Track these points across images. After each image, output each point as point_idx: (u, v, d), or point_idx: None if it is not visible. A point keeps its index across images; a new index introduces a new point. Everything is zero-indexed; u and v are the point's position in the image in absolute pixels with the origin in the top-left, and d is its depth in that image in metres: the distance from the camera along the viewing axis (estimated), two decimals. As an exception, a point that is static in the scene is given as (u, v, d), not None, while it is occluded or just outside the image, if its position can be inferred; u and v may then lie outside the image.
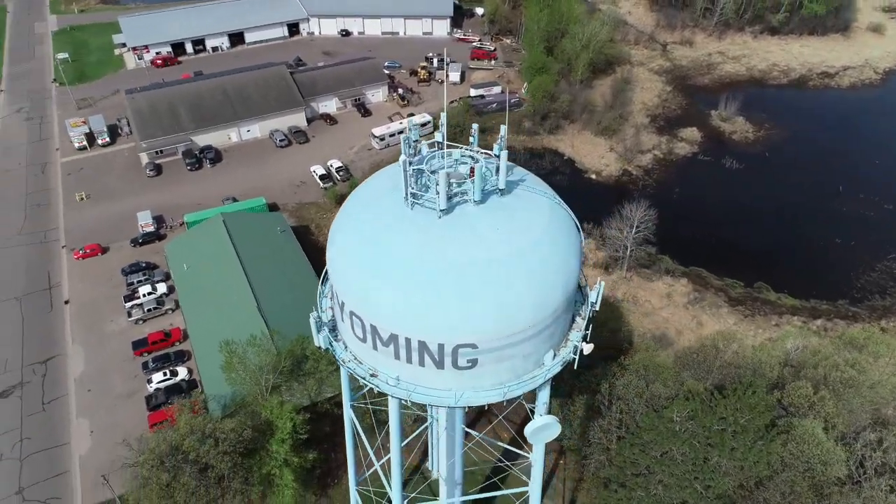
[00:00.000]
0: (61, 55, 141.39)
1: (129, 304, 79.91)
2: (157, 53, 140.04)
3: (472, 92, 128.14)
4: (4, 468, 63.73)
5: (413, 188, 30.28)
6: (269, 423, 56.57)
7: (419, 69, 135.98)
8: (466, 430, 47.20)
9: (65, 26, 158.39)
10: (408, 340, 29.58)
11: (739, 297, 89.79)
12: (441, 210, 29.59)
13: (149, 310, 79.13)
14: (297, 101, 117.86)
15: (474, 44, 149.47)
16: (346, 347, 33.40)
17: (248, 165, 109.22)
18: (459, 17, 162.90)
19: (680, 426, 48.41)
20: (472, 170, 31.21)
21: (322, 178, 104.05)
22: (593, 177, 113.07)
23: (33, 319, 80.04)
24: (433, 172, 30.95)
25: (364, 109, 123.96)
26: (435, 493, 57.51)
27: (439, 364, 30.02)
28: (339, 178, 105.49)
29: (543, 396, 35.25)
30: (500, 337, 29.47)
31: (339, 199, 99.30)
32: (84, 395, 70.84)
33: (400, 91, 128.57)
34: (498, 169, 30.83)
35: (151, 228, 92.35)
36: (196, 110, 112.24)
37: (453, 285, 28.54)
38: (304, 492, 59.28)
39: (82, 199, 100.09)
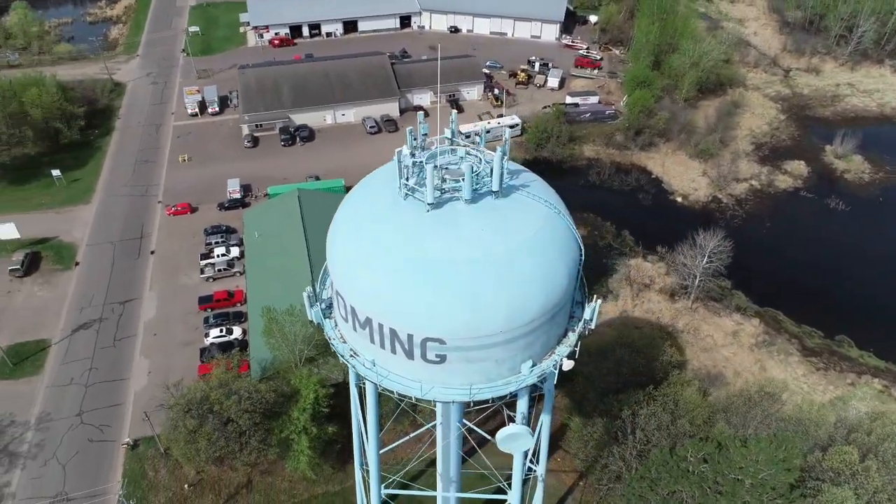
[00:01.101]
0: (193, 28, 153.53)
1: (203, 262, 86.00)
2: (275, 34, 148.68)
3: (568, 99, 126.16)
4: (72, 391, 70.77)
5: (410, 180, 30.79)
6: (296, 392, 59.20)
7: (519, 71, 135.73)
8: (483, 433, 47.08)
9: (202, 2, 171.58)
10: (380, 326, 30.22)
11: (816, 347, 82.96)
12: (429, 204, 29.93)
13: (219, 270, 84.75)
14: (392, 91, 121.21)
15: (580, 51, 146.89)
16: (335, 325, 34.54)
17: (336, 147, 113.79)
18: (571, 23, 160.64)
19: (693, 467, 45.89)
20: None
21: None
22: (679, 199, 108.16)
23: (122, 263, 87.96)
24: (439, 168, 31.29)
25: (457, 105, 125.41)
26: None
27: (409, 354, 30.43)
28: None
29: (521, 405, 34.75)
30: (468, 337, 29.40)
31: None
32: (150, 338, 77.15)
33: (495, 91, 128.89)
34: (500, 171, 30.59)
35: (238, 195, 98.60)
36: (298, 90, 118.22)
37: (426, 278, 28.82)
38: (322, 463, 61.51)
39: (184, 160, 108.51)
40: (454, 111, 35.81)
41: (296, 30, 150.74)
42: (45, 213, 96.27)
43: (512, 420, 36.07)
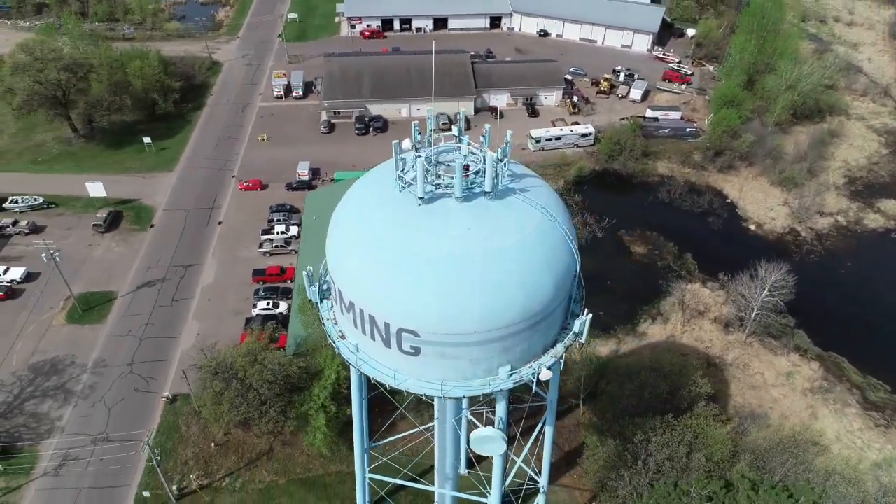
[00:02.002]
0: (292, 15, 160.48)
1: (263, 237, 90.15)
2: (367, 26, 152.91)
3: (648, 113, 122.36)
4: (127, 342, 76.25)
5: (408, 173, 31.32)
6: (321, 371, 61.18)
7: (602, 80, 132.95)
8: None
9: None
10: (361, 312, 30.99)
11: (879, 402, 76.56)
12: (419, 198, 30.36)
13: (276, 246, 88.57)
14: (469, 90, 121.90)
15: (671, 65, 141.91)
16: (331, 307, 35.63)
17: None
18: (666, 35, 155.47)
19: (696, 504, 43.87)
20: (466, 167, 31.47)
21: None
22: (751, 227, 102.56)
23: (191, 230, 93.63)
24: (439, 162, 31.66)
25: (532, 109, 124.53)
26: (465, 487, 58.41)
27: (386, 343, 31.02)
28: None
29: (500, 409, 34.54)
30: (441, 332, 29.64)
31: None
32: (204, 302, 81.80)
33: (575, 98, 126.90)
34: (492, 172, 30.59)
35: (306, 178, 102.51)
36: (378, 82, 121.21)
37: (404, 270, 29.30)
38: (340, 442, 63.19)
39: (263, 140, 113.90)
40: (462, 110, 35.88)
41: (387, 23, 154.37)
42: (133, 177, 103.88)
43: (493, 422, 35.89)
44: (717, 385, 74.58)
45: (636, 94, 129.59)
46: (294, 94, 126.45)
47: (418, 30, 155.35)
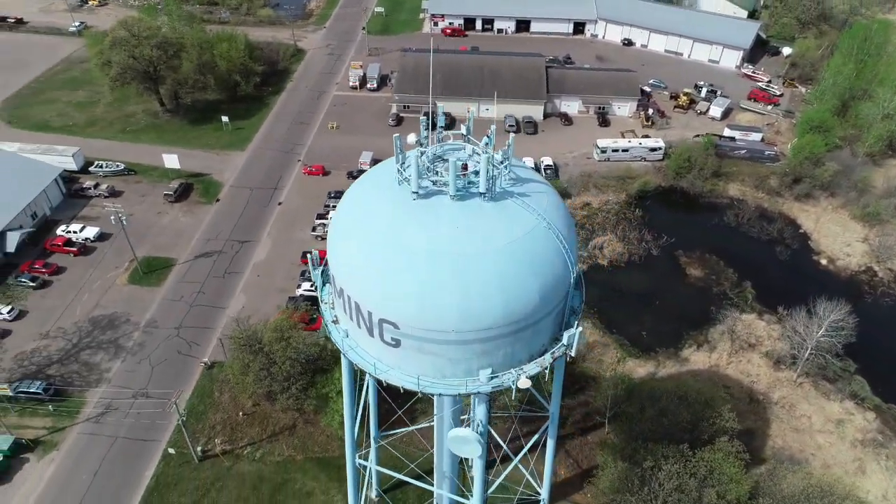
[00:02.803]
0: (379, 9, 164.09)
1: (317, 221, 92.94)
2: (449, 24, 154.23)
3: (726, 132, 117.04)
4: (178, 307, 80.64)
5: (407, 168, 31.63)
6: (346, 355, 62.54)
7: (682, 94, 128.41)
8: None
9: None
10: (349, 298, 31.63)
11: (941, 464, 70.21)
12: (413, 192, 30.62)
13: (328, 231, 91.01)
14: (540, 94, 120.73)
15: (759, 84, 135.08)
16: (331, 292, 36.50)
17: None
18: (758, 52, 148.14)
19: (694, 540, 41.90)
20: (464, 165, 31.46)
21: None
22: (823, 261, 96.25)
23: (252, 208, 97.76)
24: (442, 160, 31.83)
25: (604, 119, 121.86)
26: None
27: (370, 331, 31.51)
28: (544, 175, 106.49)
29: (479, 412, 34.29)
30: (419, 327, 29.80)
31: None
32: (253, 277, 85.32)
33: (650, 111, 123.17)
34: (488, 172, 30.44)
35: (367, 167, 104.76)
36: (450, 79, 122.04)
37: (387, 261, 29.69)
38: (358, 427, 64.47)
39: (333, 127, 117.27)
40: (471, 109, 35.90)
41: (470, 22, 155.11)
42: (207, 153, 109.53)
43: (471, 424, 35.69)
44: (756, 423, 70.92)
45: (716, 111, 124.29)
46: (369, 85, 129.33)
47: (500, 31, 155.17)
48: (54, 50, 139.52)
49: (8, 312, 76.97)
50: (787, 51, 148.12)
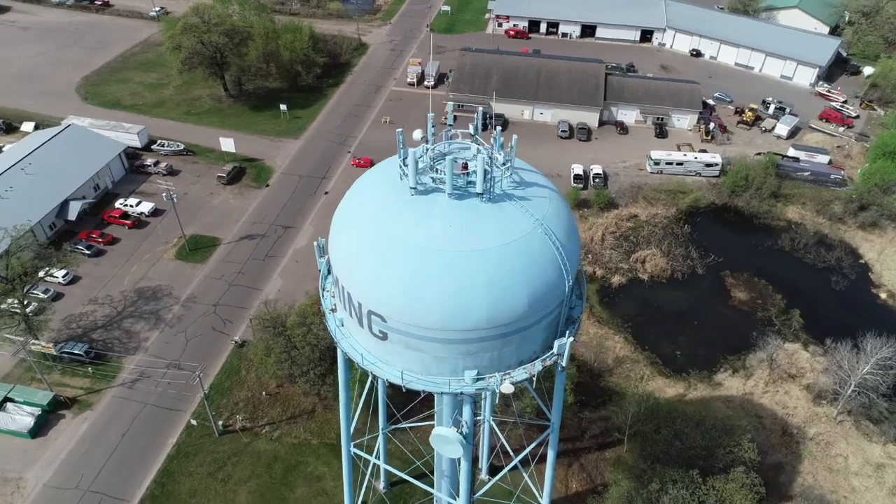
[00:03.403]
0: (445, 7, 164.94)
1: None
2: (514, 25, 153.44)
3: (790, 151, 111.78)
4: (218, 285, 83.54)
5: (407, 162, 31.76)
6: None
7: (747, 109, 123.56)
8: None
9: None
10: (342, 287, 32.05)
11: None
12: (411, 188, 30.72)
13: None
14: (596, 101, 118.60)
15: (833, 104, 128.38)
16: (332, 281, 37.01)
17: (522, 142, 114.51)
18: (837, 70, 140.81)
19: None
20: (464, 165, 31.32)
21: (576, 177, 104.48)
22: (883, 295, 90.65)
23: (299, 196, 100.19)
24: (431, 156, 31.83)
25: (661, 130, 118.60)
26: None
27: (360, 322, 31.81)
28: (592, 183, 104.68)
29: (465, 412, 34.05)
30: (405, 322, 29.87)
31: (578, 202, 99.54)
32: (292, 263, 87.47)
33: (711, 125, 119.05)
34: (486, 173, 30.23)
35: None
36: (506, 81, 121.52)
37: (377, 253, 29.88)
38: (373, 419, 65.13)
39: (386, 122, 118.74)
40: (485, 105, 35.74)
41: (534, 25, 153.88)
42: (262, 139, 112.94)
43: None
44: (787, 457, 67.70)
45: (783, 129, 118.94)
46: (426, 82, 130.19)
47: (564, 35, 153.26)
48: (134, 32, 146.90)
49: (63, 277, 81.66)
50: (868, 71, 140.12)
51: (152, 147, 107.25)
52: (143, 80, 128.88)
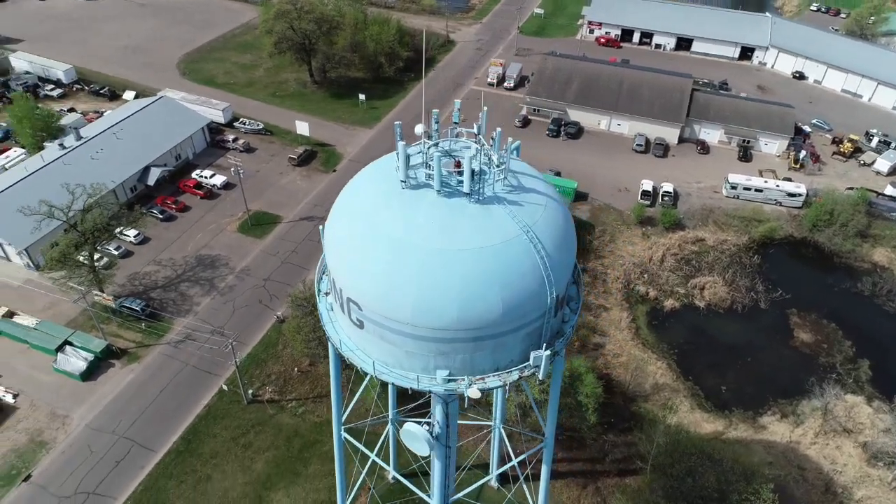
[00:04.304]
0: (539, 10, 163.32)
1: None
2: (605, 33, 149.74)
3: (888, 189, 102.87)
4: (272, 261, 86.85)
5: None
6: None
7: (846, 140, 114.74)
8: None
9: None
10: (330, 272, 32.57)
11: None
12: (401, 181, 30.74)
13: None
14: (678, 117, 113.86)
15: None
16: (334, 265, 37.65)
17: (594, 152, 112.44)
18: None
19: None
20: (457, 163, 30.97)
21: (644, 193, 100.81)
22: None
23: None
24: (450, 156, 31.68)
25: (745, 153, 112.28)
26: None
27: (342, 308, 32.20)
28: (661, 201, 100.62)
29: (437, 412, 33.71)
30: (378, 313, 29.94)
31: (642, 220, 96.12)
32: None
33: (802, 153, 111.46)
34: (475, 173, 29.79)
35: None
36: (585, 89, 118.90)
37: (358, 241, 30.11)
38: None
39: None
40: (486, 108, 35.26)
41: (627, 34, 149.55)
42: (337, 125, 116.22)
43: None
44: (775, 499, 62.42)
45: (884, 165, 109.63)
46: (506, 84, 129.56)
47: (657, 46, 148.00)
48: (239, 15, 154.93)
49: (134, 237, 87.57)
50: None
51: (234, 124, 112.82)
52: (238, 60, 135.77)
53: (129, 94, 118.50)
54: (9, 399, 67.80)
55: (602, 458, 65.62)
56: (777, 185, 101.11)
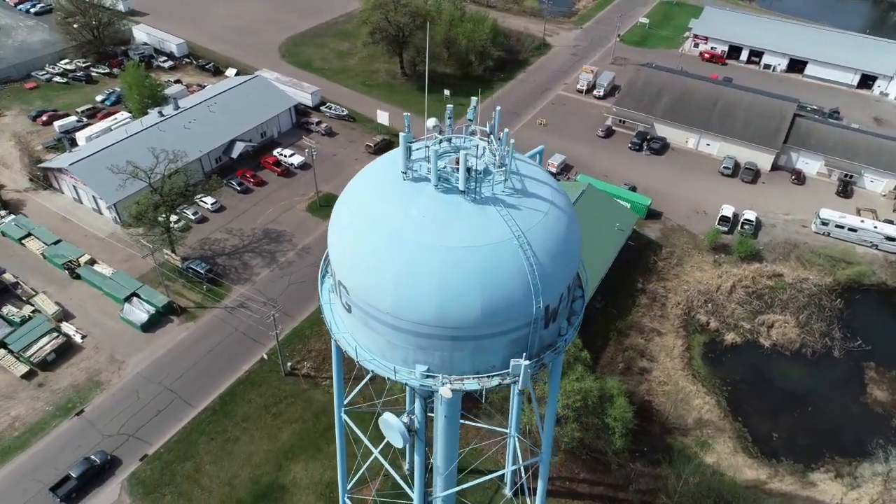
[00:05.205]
0: (644, 20, 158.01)
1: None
2: (711, 48, 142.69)
3: None
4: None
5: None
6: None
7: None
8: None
9: (675, 0, 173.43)
10: (327, 255, 33.21)
11: None
12: (402, 172, 30.80)
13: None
14: (774, 143, 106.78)
15: None
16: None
17: (676, 171, 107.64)
18: None
19: None
20: (458, 160, 30.58)
21: (723, 219, 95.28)
22: None
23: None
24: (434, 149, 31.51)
25: (845, 189, 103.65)
26: None
27: (335, 290, 32.77)
28: (740, 229, 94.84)
29: (417, 406, 33.53)
30: (361, 298, 30.21)
31: (716, 246, 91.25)
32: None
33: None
34: (474, 171, 29.37)
35: (553, 169, 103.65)
36: (677, 104, 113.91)
37: (353, 226, 30.51)
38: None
39: (541, 124, 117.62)
40: (499, 108, 34.53)
41: (735, 51, 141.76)
42: (417, 118, 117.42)
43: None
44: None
45: None
46: (595, 92, 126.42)
47: (767, 66, 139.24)
48: (344, 3, 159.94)
49: (211, 204, 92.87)
50: None
51: (321, 108, 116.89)
52: (335, 47, 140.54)
53: (230, 71, 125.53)
54: (77, 339, 73.90)
55: (626, 485, 62.97)
56: (875, 227, 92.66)
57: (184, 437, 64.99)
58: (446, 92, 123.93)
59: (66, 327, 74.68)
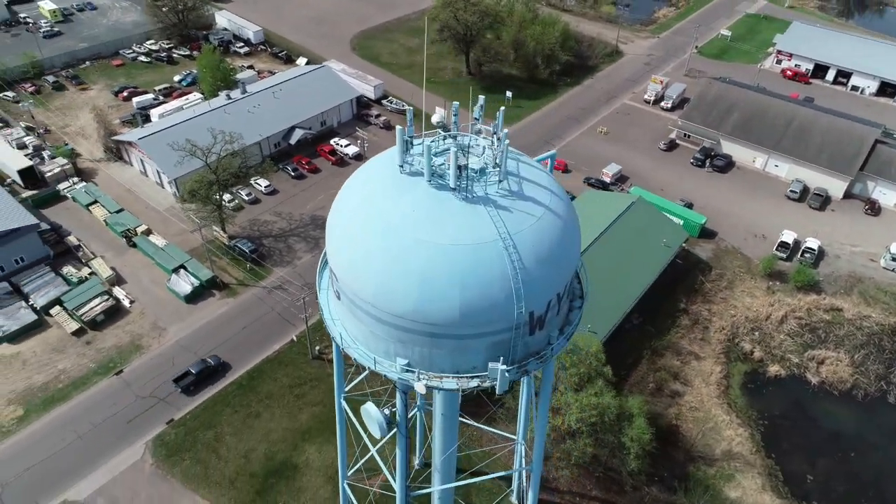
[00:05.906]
0: (725, 32, 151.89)
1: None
2: (795, 65, 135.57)
3: None
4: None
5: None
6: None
7: None
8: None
9: (762, 13, 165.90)
10: (324, 244, 33.70)
11: None
12: (399, 165, 30.88)
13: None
14: (849, 170, 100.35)
15: None
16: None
17: (739, 190, 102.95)
18: None
19: None
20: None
21: (782, 245, 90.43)
22: None
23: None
24: (426, 145, 31.33)
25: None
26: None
27: (330, 275, 33.25)
28: (800, 257, 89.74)
29: (398, 400, 33.51)
30: (349, 289, 30.49)
31: (771, 273, 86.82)
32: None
33: None
34: (467, 169, 29.08)
35: (607, 179, 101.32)
36: (747, 121, 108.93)
37: (346, 216, 30.82)
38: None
39: (601, 132, 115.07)
40: (481, 97, 33.85)
41: (820, 70, 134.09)
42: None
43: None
44: None
45: None
46: (663, 104, 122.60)
47: (854, 88, 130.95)
48: (416, 1, 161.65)
49: (265, 187, 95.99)
50: None
51: (382, 101, 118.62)
52: (405, 42, 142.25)
53: (301, 60, 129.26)
54: (126, 303, 78.11)
55: (640, 502, 60.93)
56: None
57: (209, 407, 67.55)
58: (508, 94, 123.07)
59: (118, 291, 79.02)
